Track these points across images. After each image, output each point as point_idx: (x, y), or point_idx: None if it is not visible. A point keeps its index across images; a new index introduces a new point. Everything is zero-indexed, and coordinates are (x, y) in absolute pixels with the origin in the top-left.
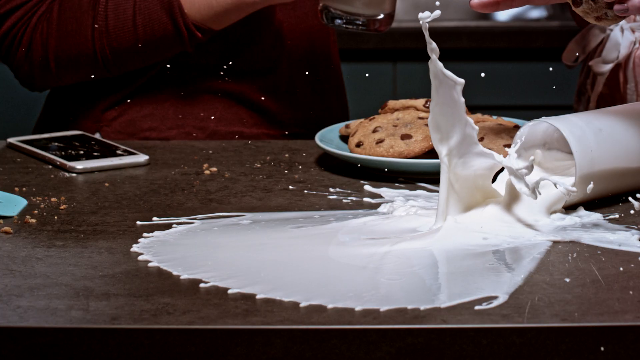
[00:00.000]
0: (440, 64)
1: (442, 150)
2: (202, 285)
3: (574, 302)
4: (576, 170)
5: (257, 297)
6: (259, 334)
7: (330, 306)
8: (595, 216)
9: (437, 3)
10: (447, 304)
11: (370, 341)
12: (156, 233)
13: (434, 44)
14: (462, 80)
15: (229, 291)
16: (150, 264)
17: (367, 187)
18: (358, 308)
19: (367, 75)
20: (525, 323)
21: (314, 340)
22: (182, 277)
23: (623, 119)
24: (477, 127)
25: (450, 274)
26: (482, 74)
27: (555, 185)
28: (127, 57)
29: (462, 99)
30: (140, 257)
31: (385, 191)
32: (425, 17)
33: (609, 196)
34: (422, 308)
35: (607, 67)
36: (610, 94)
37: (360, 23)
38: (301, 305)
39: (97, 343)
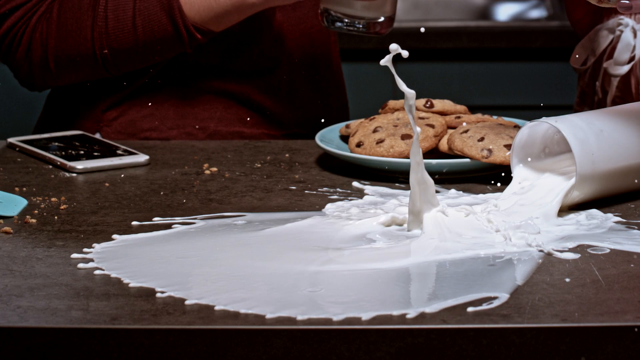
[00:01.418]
0: (412, 109)
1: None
2: (158, 295)
3: (574, 302)
4: (577, 174)
5: (216, 308)
6: (259, 334)
7: (300, 317)
8: (596, 220)
9: (423, 25)
10: (446, 304)
11: (370, 341)
12: (119, 237)
13: (412, 92)
14: (417, 130)
15: (186, 302)
16: (97, 272)
17: (355, 184)
18: (336, 318)
19: (366, 75)
20: (525, 323)
21: (314, 340)
22: (131, 285)
23: (624, 119)
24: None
25: (447, 276)
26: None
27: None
28: (127, 58)
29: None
30: (80, 265)
31: (375, 189)
32: (395, 50)
33: (609, 196)
34: (408, 316)
35: (624, 69)
36: (622, 96)
37: (361, 26)
38: (267, 317)
39: (97, 343)
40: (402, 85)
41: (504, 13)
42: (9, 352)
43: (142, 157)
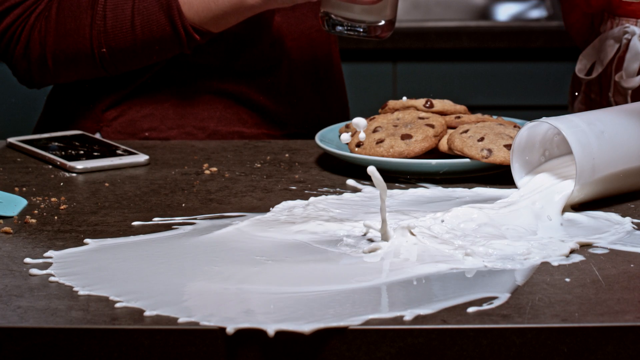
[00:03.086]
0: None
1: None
2: (117, 305)
3: (574, 303)
4: (577, 181)
5: (179, 320)
6: (259, 334)
7: (271, 331)
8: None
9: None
10: (446, 305)
11: (370, 341)
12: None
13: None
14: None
15: (145, 313)
16: (51, 278)
17: (350, 182)
18: (305, 329)
19: (367, 75)
20: (525, 323)
21: (314, 340)
22: (80, 293)
23: (625, 119)
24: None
25: (446, 278)
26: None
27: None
28: (125, 57)
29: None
30: (32, 271)
31: (371, 189)
32: (362, 125)
33: (609, 197)
34: (406, 318)
35: (636, 81)
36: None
37: (362, 30)
38: (227, 330)
39: (97, 343)
40: (377, 182)
41: (504, 13)
42: (9, 352)
43: (142, 157)
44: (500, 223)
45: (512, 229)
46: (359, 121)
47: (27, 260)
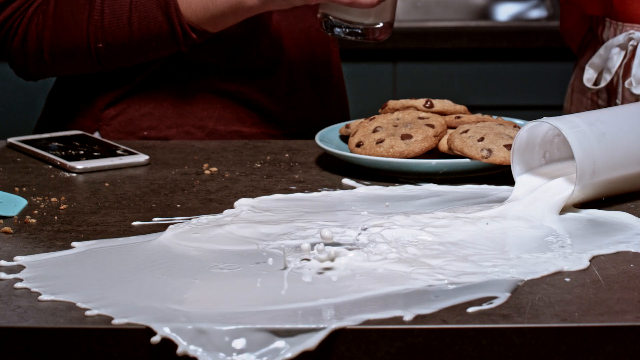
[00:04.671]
0: None
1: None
2: (87, 313)
3: (574, 302)
4: (576, 182)
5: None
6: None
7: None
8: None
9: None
10: (446, 304)
11: (370, 341)
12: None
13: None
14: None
15: (114, 321)
16: (18, 284)
17: (346, 181)
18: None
19: (367, 75)
20: (525, 323)
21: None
22: (41, 298)
23: (626, 120)
24: None
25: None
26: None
27: None
28: (121, 54)
29: None
30: (3, 275)
31: (368, 189)
32: (326, 236)
33: (608, 197)
34: (406, 318)
35: None
36: None
37: (360, 32)
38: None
39: (97, 343)
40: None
41: (504, 13)
42: (9, 352)
43: (142, 157)
44: (497, 234)
45: (513, 241)
46: (323, 232)
47: (3, 262)
